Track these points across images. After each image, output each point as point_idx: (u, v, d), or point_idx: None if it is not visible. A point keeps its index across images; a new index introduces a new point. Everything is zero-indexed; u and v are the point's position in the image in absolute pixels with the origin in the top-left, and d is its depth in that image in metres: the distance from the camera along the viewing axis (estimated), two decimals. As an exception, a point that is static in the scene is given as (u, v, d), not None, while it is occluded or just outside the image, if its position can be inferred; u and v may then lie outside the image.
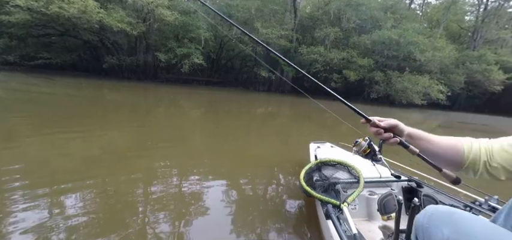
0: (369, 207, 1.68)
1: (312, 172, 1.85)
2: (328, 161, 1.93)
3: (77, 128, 4.17)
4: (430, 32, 19.45)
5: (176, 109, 8.41)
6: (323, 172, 1.84)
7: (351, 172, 1.79)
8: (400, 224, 1.06)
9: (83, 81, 12.86)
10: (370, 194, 1.71)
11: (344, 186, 1.68)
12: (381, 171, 1.85)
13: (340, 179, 1.72)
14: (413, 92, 16.91)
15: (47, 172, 2.45)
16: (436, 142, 0.82)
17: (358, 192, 1.51)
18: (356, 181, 1.68)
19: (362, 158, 2.13)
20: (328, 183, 1.67)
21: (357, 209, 1.68)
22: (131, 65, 16.69)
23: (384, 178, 1.80)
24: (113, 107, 7.44)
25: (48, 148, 3.19)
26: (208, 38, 16.22)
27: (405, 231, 1.04)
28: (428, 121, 11.81)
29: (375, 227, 1.53)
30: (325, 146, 2.61)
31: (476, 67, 19.51)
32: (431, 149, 0.81)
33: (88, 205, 1.92)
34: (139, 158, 3.11)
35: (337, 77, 17.93)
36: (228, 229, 1.82)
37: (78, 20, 11.97)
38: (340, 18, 18.68)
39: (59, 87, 10.05)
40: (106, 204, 1.97)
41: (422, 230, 0.74)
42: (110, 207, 1.94)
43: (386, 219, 1.50)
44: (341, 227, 1.23)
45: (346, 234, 1.18)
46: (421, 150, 0.80)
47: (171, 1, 14.05)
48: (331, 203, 1.43)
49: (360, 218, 1.67)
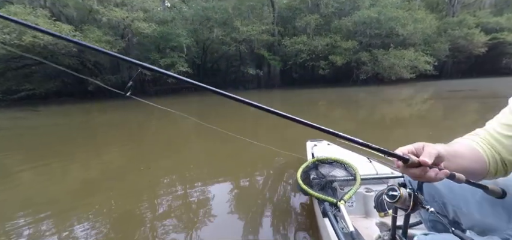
0: (366, 204, 1.68)
1: (308, 170, 1.86)
2: (325, 159, 1.93)
3: (71, 156, 4.10)
4: (409, 5, 19.60)
5: (168, 120, 8.29)
6: (320, 170, 1.84)
7: (347, 169, 1.80)
8: (396, 220, 1.06)
9: (70, 107, 12.58)
10: (367, 191, 1.70)
11: (341, 183, 1.69)
12: (377, 168, 1.85)
13: (337, 177, 1.72)
14: (400, 66, 17.07)
15: (47, 201, 2.49)
16: (467, 155, 0.66)
17: (355, 190, 1.51)
18: (353, 178, 1.68)
19: (358, 155, 2.06)
20: (325, 181, 1.67)
21: (354, 206, 1.68)
22: (116, 83, 16.39)
23: (381, 175, 1.79)
24: (104, 128, 7.30)
25: (45, 179, 3.18)
26: (190, 44, 16.05)
27: (402, 227, 1.05)
28: (419, 94, 11.90)
29: (372, 224, 1.53)
30: (322, 143, 2.60)
31: (458, 33, 19.76)
32: (465, 165, 0.65)
33: (93, 227, 1.96)
34: (138, 174, 3.13)
35: (324, 64, 17.96)
36: (225, 229, 1.87)
37: (54, 47, 11.68)
38: (318, 5, 18.69)
39: (46, 118, 9.81)
40: (112, 224, 2.00)
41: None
42: (116, 227, 1.98)
43: (383, 216, 1.51)
44: (338, 225, 1.23)
45: (343, 232, 1.18)
46: (461, 170, 0.63)
47: (146, 13, 13.81)
48: (328, 201, 1.43)
49: (357, 215, 1.67)
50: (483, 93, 10.82)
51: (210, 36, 16.69)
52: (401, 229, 1.04)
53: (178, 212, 2.14)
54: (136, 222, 2.03)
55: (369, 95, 12.21)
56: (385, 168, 1.86)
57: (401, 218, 1.03)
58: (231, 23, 16.42)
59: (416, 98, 10.70)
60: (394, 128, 5.44)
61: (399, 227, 1.06)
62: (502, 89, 11.41)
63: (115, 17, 11.91)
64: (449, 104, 8.43)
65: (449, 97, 10.33)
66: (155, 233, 1.87)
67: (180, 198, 2.41)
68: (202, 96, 14.77)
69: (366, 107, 7.88)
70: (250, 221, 1.93)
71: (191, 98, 14.51)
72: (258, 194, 2.44)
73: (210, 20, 16.90)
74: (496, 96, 9.47)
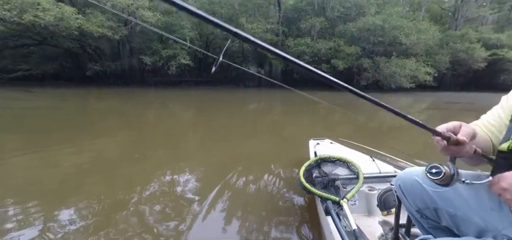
0: (369, 202, 1.67)
1: (311, 169, 1.85)
2: (327, 158, 1.93)
3: (66, 143, 3.94)
4: (413, 15, 19.70)
5: (166, 112, 8.21)
6: (323, 169, 1.84)
7: (350, 168, 1.79)
8: (399, 219, 1.06)
9: (67, 91, 12.39)
10: (369, 189, 1.69)
11: (343, 182, 1.68)
12: (380, 167, 1.84)
13: (340, 175, 1.72)
14: (401, 75, 17.16)
15: (39, 188, 2.38)
16: (481, 136, 0.78)
17: (358, 188, 1.52)
18: (355, 177, 1.68)
19: (361, 154, 2.09)
20: (327, 180, 1.67)
21: (356, 205, 1.67)
22: (116, 70, 16.21)
23: (384, 173, 1.79)
24: (101, 116, 7.16)
25: (39, 165, 3.05)
26: (193, 37, 15.92)
27: (405, 225, 1.05)
28: (417, 104, 12.01)
29: (375, 222, 1.53)
30: (324, 142, 2.60)
31: (459, 46, 19.92)
32: (481, 145, 0.73)
33: (84, 216, 1.88)
34: (133, 166, 3.02)
35: (326, 67, 17.96)
36: (228, 228, 1.82)
37: (55, 28, 11.45)
38: (325, 8, 18.67)
39: (42, 100, 9.63)
40: (103, 215, 1.91)
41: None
42: (107, 218, 1.88)
43: (386, 214, 1.51)
44: (341, 223, 1.23)
45: (345, 230, 1.17)
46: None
47: (151, 2, 13.65)
48: (331, 199, 1.43)
49: (359, 214, 1.66)
50: (479, 106, 10.93)
51: (214, 31, 16.56)
52: (405, 228, 1.05)
53: (175, 209, 2.04)
54: (125, 217, 1.90)
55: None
56: (388, 166, 1.87)
57: (404, 217, 1.03)
58: (236, 19, 16.32)
59: (414, 107, 10.77)
60: (391, 134, 5.47)
61: (402, 225, 1.06)
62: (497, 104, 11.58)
63: (120, 2, 11.73)
64: (446, 114, 8.51)
65: (447, 108, 10.44)
66: (148, 233, 1.75)
67: (176, 194, 2.32)
68: (200, 91, 14.68)
69: (366, 112, 7.91)
70: (251, 220, 1.91)
71: (190, 92, 14.42)
72: (259, 193, 2.40)
73: (215, 14, 16.77)
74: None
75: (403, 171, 0.97)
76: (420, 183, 0.86)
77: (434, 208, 0.84)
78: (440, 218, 0.84)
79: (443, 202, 0.81)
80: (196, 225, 1.80)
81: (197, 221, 1.86)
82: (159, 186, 2.42)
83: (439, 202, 0.82)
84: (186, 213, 1.97)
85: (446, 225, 0.83)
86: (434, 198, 0.83)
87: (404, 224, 1.04)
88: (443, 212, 0.82)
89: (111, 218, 1.87)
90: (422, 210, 0.88)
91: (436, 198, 0.83)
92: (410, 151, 3.77)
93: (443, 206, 0.81)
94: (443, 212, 0.82)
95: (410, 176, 0.90)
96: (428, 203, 0.85)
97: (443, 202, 0.81)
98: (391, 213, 1.47)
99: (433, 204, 0.84)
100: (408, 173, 0.92)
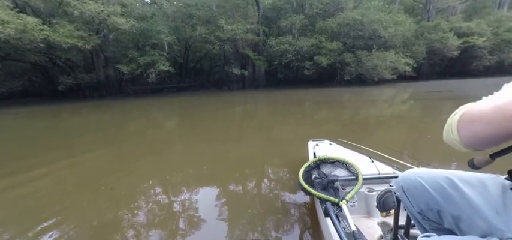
0: (368, 204, 1.67)
1: (310, 170, 1.86)
2: (326, 159, 1.94)
3: (38, 166, 3.48)
4: (389, 8, 20.24)
5: (148, 122, 7.75)
6: (322, 170, 1.85)
7: (349, 169, 1.80)
8: (398, 220, 1.06)
9: (36, 109, 11.49)
10: (368, 190, 1.69)
11: (343, 183, 1.69)
12: (379, 168, 1.82)
13: (339, 177, 1.73)
14: (383, 68, 17.51)
15: (16, 217, 2.17)
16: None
17: (357, 189, 1.52)
18: (355, 178, 1.68)
19: (360, 155, 1.99)
20: (326, 181, 1.67)
21: (355, 206, 1.68)
22: (91, 82, 15.34)
23: (383, 175, 1.77)
24: (76, 131, 6.60)
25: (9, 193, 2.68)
26: (171, 42, 15.36)
27: (404, 226, 1.06)
28: (399, 94, 12.21)
29: (374, 224, 1.53)
30: (323, 143, 2.61)
31: (434, 36, 20.71)
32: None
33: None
34: (117, 181, 2.86)
35: (309, 64, 18.02)
36: (226, 231, 1.84)
37: (17, 41, 10.56)
38: (303, 5, 18.74)
39: (8, 121, 8.79)
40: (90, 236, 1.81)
41: None
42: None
43: (385, 215, 1.52)
44: (340, 224, 1.22)
45: (344, 231, 1.16)
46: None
47: (124, 8, 12.98)
48: (330, 201, 1.42)
49: (358, 215, 1.67)
50: (457, 95, 11.28)
51: (193, 34, 16.08)
52: (404, 229, 1.06)
53: (174, 214, 2.06)
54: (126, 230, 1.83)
55: (353, 95, 12.33)
56: (387, 168, 1.87)
57: (403, 218, 1.04)
58: (214, 21, 15.94)
59: (396, 98, 10.93)
60: (378, 128, 5.40)
61: (401, 226, 1.08)
62: (473, 90, 12.00)
63: (88, 10, 11.01)
64: (427, 104, 8.65)
65: (426, 98, 10.66)
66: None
67: (174, 201, 2.30)
68: (182, 98, 14.18)
69: (351, 107, 7.87)
70: (250, 223, 1.91)
71: (171, 99, 13.89)
72: (256, 195, 2.39)
73: (193, 17, 16.32)
74: (468, 97, 9.86)
75: (405, 172, 0.94)
76: (423, 184, 0.85)
77: (437, 210, 0.83)
78: (443, 219, 0.83)
79: (447, 204, 0.80)
80: (197, 228, 1.83)
81: (197, 223, 1.88)
82: (149, 203, 2.30)
83: (442, 204, 0.81)
84: (179, 224, 1.94)
85: (449, 227, 0.82)
86: (437, 199, 0.82)
87: (403, 225, 1.05)
88: (446, 214, 0.81)
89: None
90: (424, 212, 0.87)
91: (440, 199, 0.81)
92: (398, 141, 3.77)
93: (447, 208, 0.80)
94: (447, 213, 0.80)
95: (413, 177, 0.89)
96: (431, 204, 0.84)
97: (447, 204, 0.80)
98: (390, 215, 1.48)
99: (436, 206, 0.82)
100: (411, 174, 0.91)
